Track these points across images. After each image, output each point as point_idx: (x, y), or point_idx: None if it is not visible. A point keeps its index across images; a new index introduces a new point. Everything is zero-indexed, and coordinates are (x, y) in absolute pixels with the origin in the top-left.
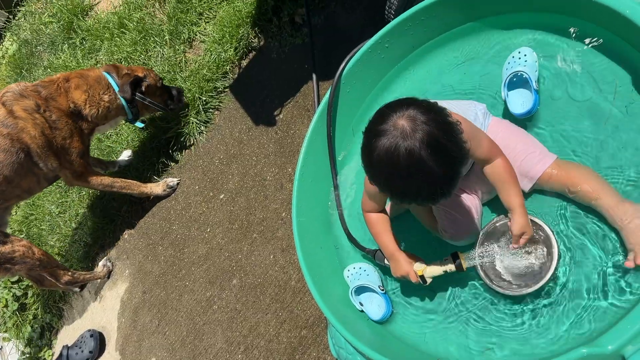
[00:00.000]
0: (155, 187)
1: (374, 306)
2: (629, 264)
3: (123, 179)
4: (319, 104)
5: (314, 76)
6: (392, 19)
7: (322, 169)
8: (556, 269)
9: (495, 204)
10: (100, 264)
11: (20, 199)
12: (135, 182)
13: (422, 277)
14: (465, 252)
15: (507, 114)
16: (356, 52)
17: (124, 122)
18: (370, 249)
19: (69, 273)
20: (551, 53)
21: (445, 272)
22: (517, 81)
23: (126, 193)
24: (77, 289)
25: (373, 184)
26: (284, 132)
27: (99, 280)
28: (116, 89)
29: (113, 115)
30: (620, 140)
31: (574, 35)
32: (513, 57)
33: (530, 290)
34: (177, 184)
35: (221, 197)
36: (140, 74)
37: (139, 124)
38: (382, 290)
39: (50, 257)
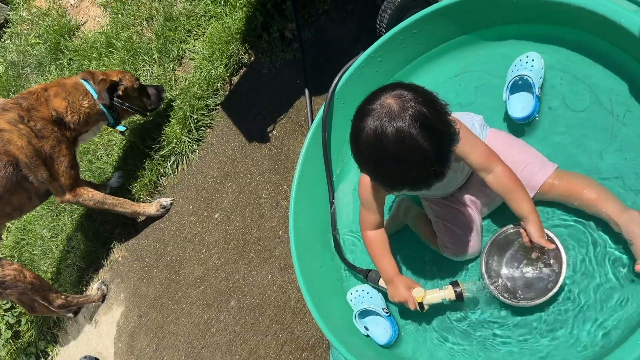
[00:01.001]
0: (149, 207)
1: (380, 330)
2: (638, 268)
3: (115, 197)
4: (312, 119)
5: (307, 91)
6: (384, 33)
7: (318, 186)
8: (565, 278)
9: (495, 216)
10: (95, 287)
11: (10, 217)
12: (128, 200)
13: (420, 304)
14: (465, 282)
15: (505, 119)
16: (349, 67)
17: (105, 126)
18: (361, 269)
19: (62, 296)
20: (546, 63)
21: (444, 299)
22: (521, 85)
23: (118, 212)
24: (70, 314)
25: (363, 172)
26: (278, 148)
27: (93, 304)
28: (94, 95)
29: (94, 121)
30: (620, 149)
31: (568, 45)
32: (520, 60)
33: (541, 300)
34: (171, 204)
35: (216, 216)
36: (115, 78)
37: (121, 127)
38: (387, 312)
39: (43, 280)
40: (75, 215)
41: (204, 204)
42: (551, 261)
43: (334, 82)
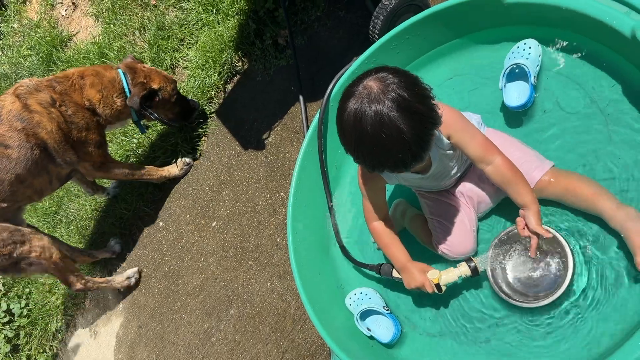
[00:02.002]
0: (172, 169)
1: (382, 329)
2: None
3: (140, 165)
4: (307, 126)
5: (301, 98)
6: (377, 39)
7: (315, 192)
8: (572, 278)
9: (499, 213)
10: (126, 274)
11: (30, 200)
12: (152, 167)
13: (437, 285)
14: (477, 256)
15: (502, 107)
16: (343, 73)
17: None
18: (372, 265)
19: (82, 281)
20: (539, 65)
21: (460, 277)
22: (518, 73)
23: (147, 179)
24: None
25: (347, 153)
26: (274, 155)
27: (91, 316)
28: (128, 94)
29: (124, 117)
30: (614, 149)
31: (560, 46)
32: (518, 47)
33: (547, 301)
34: (193, 161)
35: (213, 224)
36: (156, 86)
37: (142, 130)
38: (387, 310)
39: (68, 262)
40: (71, 227)
41: (201, 213)
42: (558, 260)
43: (329, 88)
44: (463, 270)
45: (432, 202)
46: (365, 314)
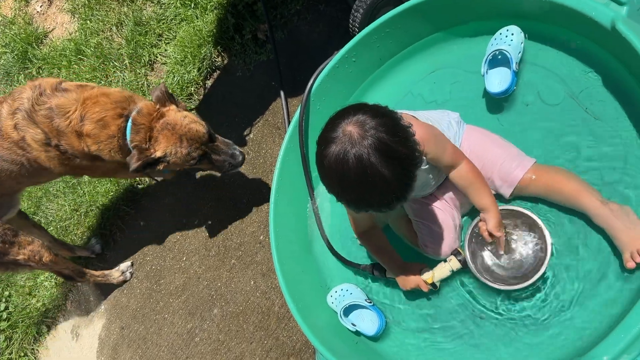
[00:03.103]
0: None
1: (367, 322)
2: (630, 264)
3: None
4: (289, 122)
5: (282, 93)
6: (357, 32)
7: (298, 189)
8: (549, 264)
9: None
10: (121, 267)
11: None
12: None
13: (432, 283)
14: (465, 249)
15: (484, 94)
16: (323, 68)
17: None
18: (366, 265)
19: (79, 273)
20: (521, 58)
21: (452, 271)
22: (500, 59)
23: None
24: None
25: (331, 193)
26: (256, 152)
27: (72, 318)
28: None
29: None
30: (596, 141)
31: (541, 39)
32: (500, 33)
33: (527, 283)
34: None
35: (195, 223)
36: (159, 154)
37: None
38: (370, 303)
39: (59, 260)
40: (51, 228)
41: (182, 211)
42: (537, 243)
43: (309, 83)
44: (453, 264)
45: (417, 204)
46: (349, 310)
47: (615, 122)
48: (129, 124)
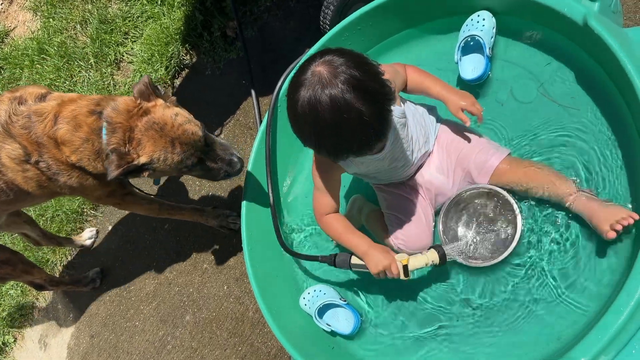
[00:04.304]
0: (213, 220)
1: (342, 321)
2: (611, 234)
3: (174, 204)
4: (260, 121)
5: (253, 92)
6: (328, 30)
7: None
8: (521, 237)
9: None
10: (90, 274)
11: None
12: (190, 206)
13: (405, 268)
14: (447, 245)
15: (459, 81)
16: (294, 67)
17: None
18: (324, 257)
19: (46, 277)
20: (493, 55)
21: (427, 264)
22: (473, 46)
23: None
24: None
25: (307, 146)
26: None
27: (40, 327)
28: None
29: None
30: (569, 138)
31: (513, 35)
32: (472, 19)
33: (500, 258)
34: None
35: (165, 226)
36: (145, 159)
37: (155, 181)
38: (344, 301)
39: (34, 272)
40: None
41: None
42: (505, 226)
43: (279, 82)
44: (432, 256)
45: (390, 195)
46: (323, 310)
47: (587, 116)
48: (104, 125)
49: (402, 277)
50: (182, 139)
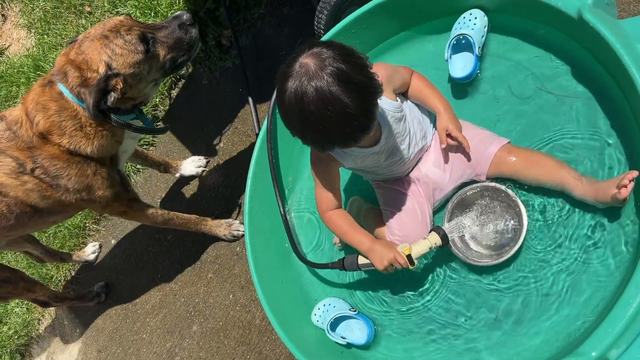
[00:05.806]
0: (216, 227)
1: (356, 332)
2: (624, 191)
3: (179, 213)
4: (259, 128)
5: (250, 100)
6: (323, 34)
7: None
8: (526, 236)
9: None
10: (95, 289)
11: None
12: (194, 216)
13: (409, 258)
14: (446, 224)
15: (449, 79)
16: None
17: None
18: (334, 263)
19: (49, 293)
20: (488, 51)
21: (431, 248)
22: (463, 44)
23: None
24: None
25: (294, 135)
26: (227, 161)
27: (47, 344)
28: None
29: (118, 136)
30: (569, 133)
31: (509, 31)
32: (464, 17)
33: (505, 257)
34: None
35: (169, 237)
36: (102, 68)
37: (152, 127)
38: (354, 311)
39: (37, 289)
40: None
41: (154, 227)
42: (514, 219)
43: (275, 91)
44: (433, 239)
45: (388, 192)
46: (335, 323)
47: (586, 110)
48: (59, 84)
49: (409, 266)
50: (107, 28)
